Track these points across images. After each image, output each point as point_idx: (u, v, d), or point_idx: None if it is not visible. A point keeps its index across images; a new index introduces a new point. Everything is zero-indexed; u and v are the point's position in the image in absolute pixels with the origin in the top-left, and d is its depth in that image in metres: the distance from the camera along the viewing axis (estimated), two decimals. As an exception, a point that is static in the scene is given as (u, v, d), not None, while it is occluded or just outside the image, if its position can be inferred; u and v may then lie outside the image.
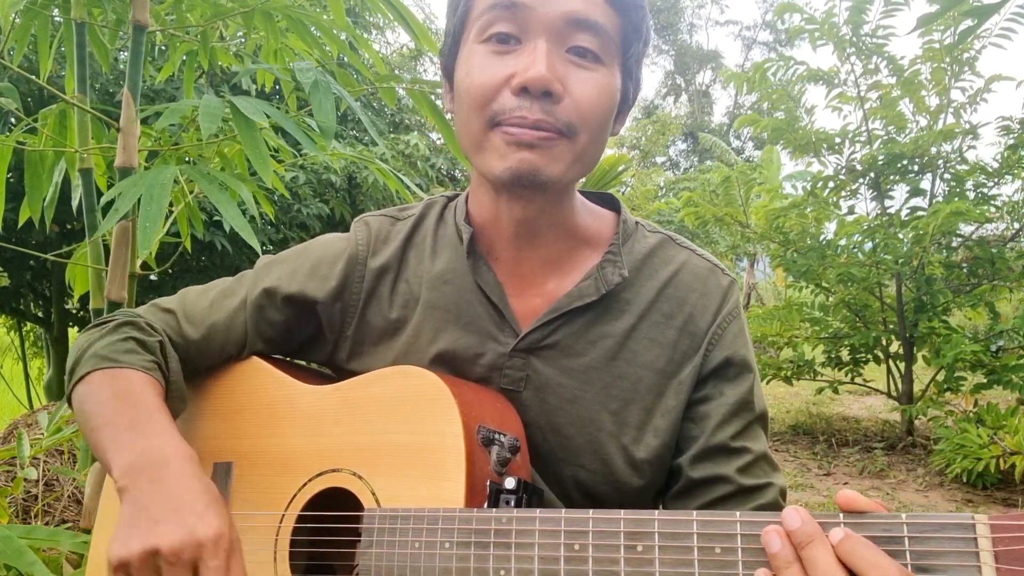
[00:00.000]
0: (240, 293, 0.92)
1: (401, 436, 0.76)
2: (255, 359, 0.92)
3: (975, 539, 0.51)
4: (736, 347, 0.86)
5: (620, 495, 0.84)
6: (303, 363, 0.98)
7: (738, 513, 0.58)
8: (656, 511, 0.61)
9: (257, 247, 1.26)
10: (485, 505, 0.70)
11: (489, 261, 0.88)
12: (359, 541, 0.75)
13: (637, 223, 0.92)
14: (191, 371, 0.92)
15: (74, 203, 1.67)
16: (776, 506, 0.81)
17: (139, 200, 1.18)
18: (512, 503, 0.70)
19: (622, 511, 0.62)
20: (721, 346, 0.85)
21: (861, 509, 0.55)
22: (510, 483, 0.70)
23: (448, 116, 0.89)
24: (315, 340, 0.94)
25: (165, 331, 0.90)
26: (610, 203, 0.94)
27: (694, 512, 0.59)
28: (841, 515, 0.55)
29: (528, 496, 0.71)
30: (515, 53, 0.76)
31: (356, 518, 0.76)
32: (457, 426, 0.72)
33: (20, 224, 1.79)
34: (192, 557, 0.66)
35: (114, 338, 0.86)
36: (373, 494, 0.76)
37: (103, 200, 1.22)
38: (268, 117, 1.28)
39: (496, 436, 0.74)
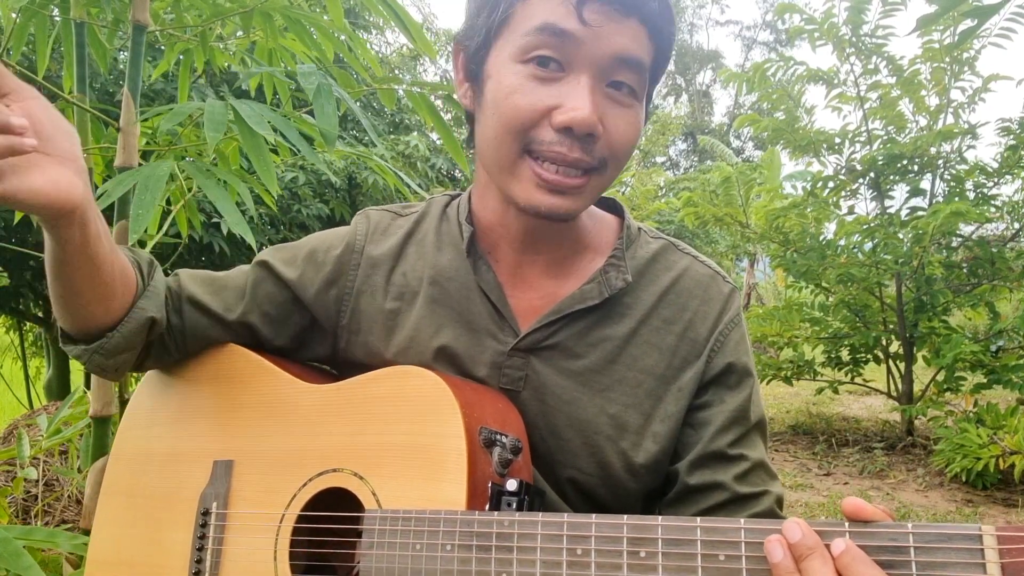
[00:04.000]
0: (244, 269, 0.94)
1: (402, 436, 0.76)
2: (255, 356, 0.91)
3: (981, 550, 0.51)
4: (738, 354, 0.86)
5: (616, 498, 0.84)
6: (305, 362, 0.98)
7: (742, 520, 0.58)
8: (660, 517, 0.61)
9: (254, 244, 1.26)
10: (486, 507, 0.70)
11: (490, 261, 0.88)
12: (359, 542, 0.75)
13: (640, 228, 0.93)
14: (191, 336, 0.92)
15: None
16: (772, 514, 0.81)
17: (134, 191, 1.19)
18: (514, 505, 0.69)
19: (625, 516, 0.62)
20: (723, 353, 0.85)
21: (867, 518, 0.55)
22: (512, 485, 0.70)
23: (462, 106, 0.87)
24: (312, 333, 0.94)
25: (165, 281, 0.90)
26: (613, 208, 0.95)
27: (698, 519, 0.59)
28: (847, 523, 0.55)
29: (530, 498, 0.71)
30: (558, 82, 0.74)
31: (357, 518, 0.75)
32: (459, 427, 0.72)
33: (16, 220, 1.79)
34: None
35: None
36: (374, 494, 0.75)
37: (97, 194, 1.22)
38: (271, 124, 1.28)
39: (498, 437, 0.74)
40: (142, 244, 1.55)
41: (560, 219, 0.78)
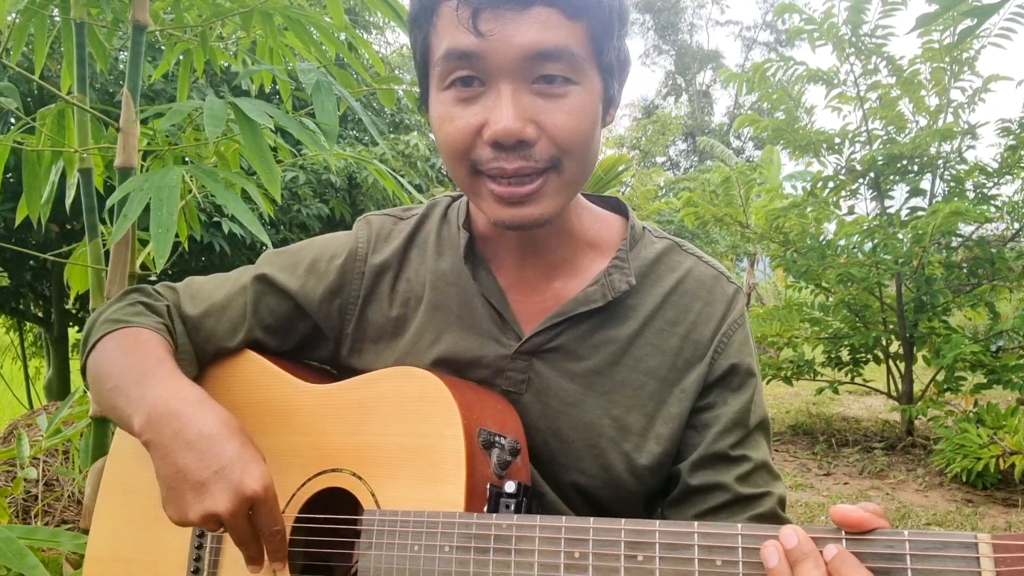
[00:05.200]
0: (242, 280, 0.93)
1: (402, 437, 0.76)
2: (255, 356, 0.92)
3: (977, 558, 0.51)
4: (741, 356, 0.85)
5: (619, 501, 0.84)
6: (305, 361, 0.98)
7: (739, 525, 0.58)
8: (657, 521, 0.61)
9: (268, 240, 1.25)
10: (485, 508, 0.70)
11: (490, 266, 0.88)
12: (358, 542, 0.75)
13: (644, 228, 0.92)
14: (198, 358, 0.93)
15: (68, 201, 1.67)
16: (774, 515, 0.81)
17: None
18: (512, 507, 0.69)
19: (623, 520, 0.62)
20: (727, 354, 0.85)
21: (854, 522, 0.55)
22: (510, 487, 0.70)
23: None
24: (314, 338, 0.94)
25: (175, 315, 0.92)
26: (617, 208, 0.94)
27: (695, 523, 0.59)
28: (843, 531, 0.55)
29: (528, 500, 0.71)
30: (481, 98, 0.72)
31: (355, 519, 0.75)
32: (458, 428, 0.72)
33: (17, 223, 1.79)
34: (248, 509, 0.71)
35: (123, 304, 0.90)
36: (372, 495, 0.75)
37: (108, 203, 1.21)
38: (271, 118, 1.28)
39: (497, 439, 0.74)
40: (143, 243, 1.55)
41: (531, 227, 0.76)
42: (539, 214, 0.75)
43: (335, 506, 0.79)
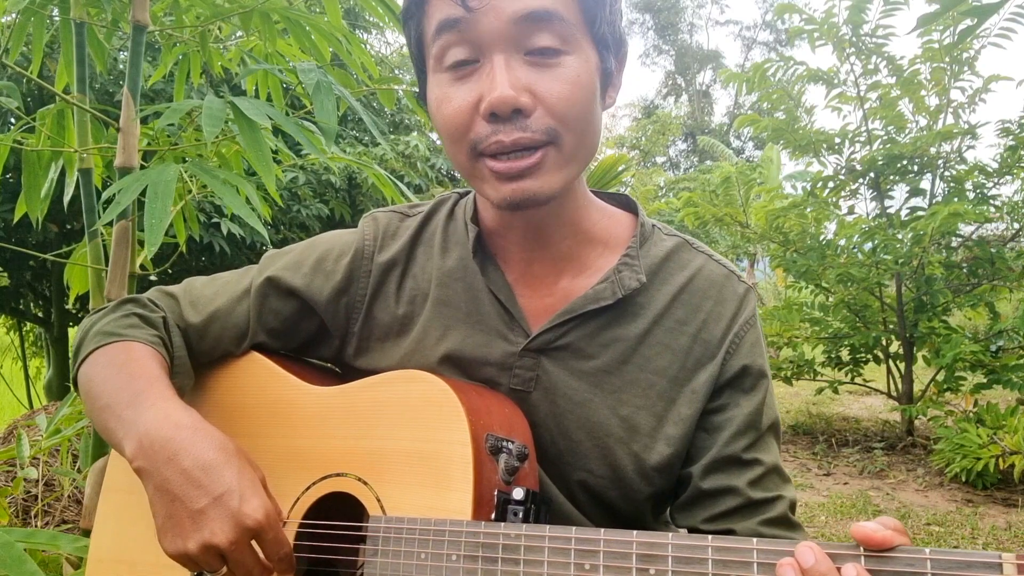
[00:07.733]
0: (244, 282, 0.92)
1: (408, 443, 0.75)
2: (259, 356, 0.91)
3: None
4: (753, 356, 0.84)
5: (627, 501, 0.83)
6: (309, 360, 0.98)
7: (754, 540, 0.57)
8: (670, 534, 0.60)
9: (264, 233, 1.26)
10: (492, 516, 0.69)
11: (498, 261, 0.87)
12: (363, 548, 0.74)
13: (654, 225, 0.90)
14: (191, 359, 0.91)
15: (66, 199, 1.66)
16: (785, 519, 0.80)
17: (140, 200, 1.17)
18: (520, 514, 0.69)
19: (634, 532, 0.61)
20: (738, 355, 0.83)
21: (877, 543, 0.53)
22: (518, 493, 0.69)
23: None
24: (320, 337, 0.93)
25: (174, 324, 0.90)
26: (627, 205, 0.93)
27: (709, 537, 0.58)
28: (861, 548, 0.54)
29: (536, 507, 0.70)
30: (476, 75, 0.73)
31: (361, 526, 0.75)
32: (464, 434, 0.71)
33: (15, 221, 1.79)
34: (250, 539, 0.68)
35: (117, 315, 0.87)
36: (378, 500, 0.75)
37: (103, 197, 1.21)
38: (270, 119, 1.28)
39: (504, 444, 0.73)
40: (143, 244, 1.55)
41: (532, 204, 0.75)
42: (539, 188, 0.74)
43: (340, 510, 0.79)
